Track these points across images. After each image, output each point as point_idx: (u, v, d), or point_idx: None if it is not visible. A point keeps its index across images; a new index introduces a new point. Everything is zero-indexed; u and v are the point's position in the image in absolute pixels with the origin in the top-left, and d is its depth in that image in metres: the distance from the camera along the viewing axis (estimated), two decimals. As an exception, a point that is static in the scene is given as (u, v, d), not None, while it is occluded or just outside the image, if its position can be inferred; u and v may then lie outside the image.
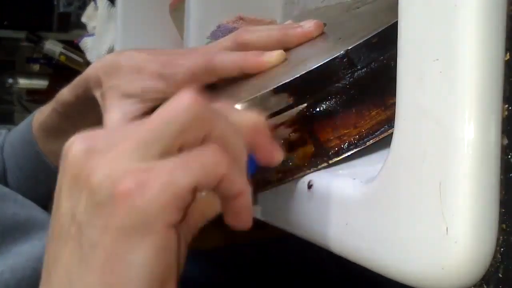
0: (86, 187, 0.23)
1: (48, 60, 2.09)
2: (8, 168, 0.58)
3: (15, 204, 0.49)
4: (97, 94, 0.44)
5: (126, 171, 0.23)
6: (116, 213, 0.23)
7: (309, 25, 0.38)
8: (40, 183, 0.57)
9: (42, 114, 0.55)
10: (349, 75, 0.29)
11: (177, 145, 0.24)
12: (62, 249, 0.24)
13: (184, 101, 0.24)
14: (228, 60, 0.38)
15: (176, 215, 0.23)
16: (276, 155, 0.27)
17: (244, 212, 0.25)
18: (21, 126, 0.58)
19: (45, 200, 0.56)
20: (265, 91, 0.30)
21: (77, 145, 0.25)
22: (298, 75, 0.30)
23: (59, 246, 0.24)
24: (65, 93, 0.50)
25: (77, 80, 0.48)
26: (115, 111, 0.41)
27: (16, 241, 0.46)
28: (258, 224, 0.26)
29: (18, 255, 0.45)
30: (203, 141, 0.24)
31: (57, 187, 0.26)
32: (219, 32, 0.55)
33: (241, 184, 0.25)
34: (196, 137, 0.24)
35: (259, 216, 0.34)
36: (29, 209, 0.50)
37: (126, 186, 0.23)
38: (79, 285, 0.23)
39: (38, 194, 0.55)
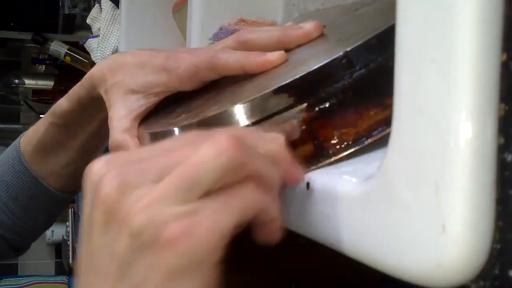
0: (127, 228, 0.24)
1: (54, 61, 2.10)
2: None
3: None
4: (102, 91, 0.44)
5: (170, 215, 0.24)
6: (164, 256, 0.23)
7: (309, 26, 0.38)
8: (40, 210, 0.56)
9: (34, 134, 0.53)
10: (348, 75, 0.30)
11: (217, 187, 0.25)
12: (101, 284, 0.25)
13: (222, 147, 0.24)
14: (231, 57, 0.38)
15: (221, 252, 0.24)
16: (299, 177, 0.29)
17: (275, 232, 0.28)
18: (5, 160, 0.55)
19: (46, 224, 0.55)
20: (266, 91, 0.30)
21: (108, 179, 0.25)
22: (298, 76, 0.30)
23: (97, 281, 0.25)
24: (63, 102, 0.49)
25: (79, 84, 0.47)
26: (119, 108, 0.41)
27: None
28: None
29: None
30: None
31: (85, 220, 0.26)
32: (221, 34, 0.56)
33: (275, 211, 0.27)
34: (235, 179, 0.25)
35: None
36: None
37: (173, 231, 0.23)
38: None
39: (37, 221, 0.55)
